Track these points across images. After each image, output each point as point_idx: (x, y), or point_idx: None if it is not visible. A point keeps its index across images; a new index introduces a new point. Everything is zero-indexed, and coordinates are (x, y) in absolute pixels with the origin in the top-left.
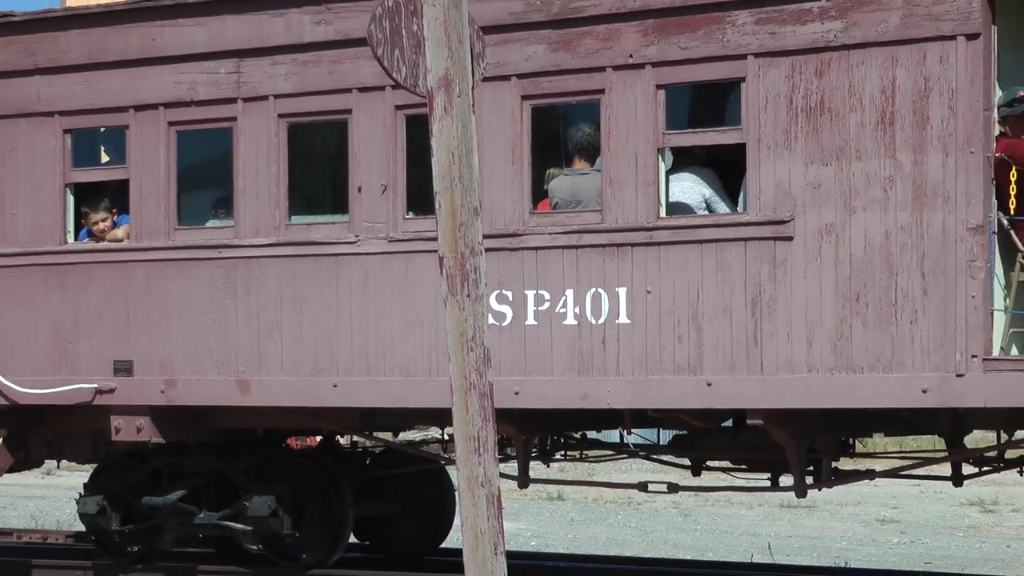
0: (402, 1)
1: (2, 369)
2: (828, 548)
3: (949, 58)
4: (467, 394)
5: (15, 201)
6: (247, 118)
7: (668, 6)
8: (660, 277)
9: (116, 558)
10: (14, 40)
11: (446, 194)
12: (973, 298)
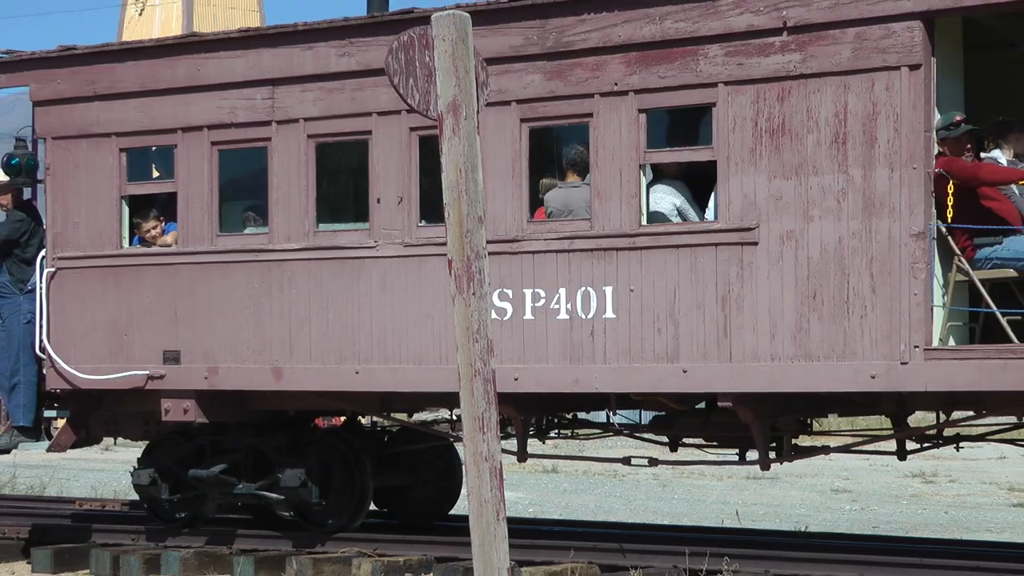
0: (416, 36)
1: (67, 358)
2: (789, 514)
3: (894, 86)
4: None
5: (77, 211)
6: (280, 138)
7: (648, 40)
8: (641, 278)
9: (165, 523)
10: (76, 70)
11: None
12: (915, 296)
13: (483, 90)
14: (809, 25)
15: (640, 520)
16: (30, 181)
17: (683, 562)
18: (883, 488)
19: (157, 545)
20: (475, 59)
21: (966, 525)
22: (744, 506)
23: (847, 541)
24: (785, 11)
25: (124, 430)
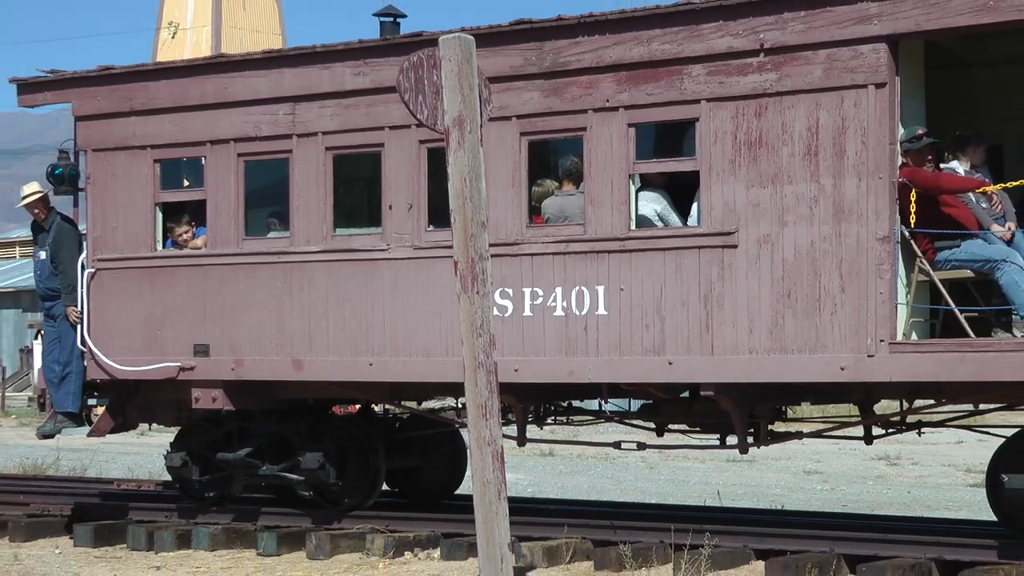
0: (424, 57)
1: (106, 351)
2: (765, 494)
3: (862, 103)
4: (476, 371)
5: (115, 217)
6: (300, 150)
7: (637, 61)
8: (631, 277)
9: (196, 502)
10: (115, 88)
11: (459, 211)
12: (881, 294)
13: (486, 106)
14: (784, 47)
15: (629, 499)
16: (72, 190)
17: (669, 538)
18: (851, 470)
19: (188, 522)
20: (478, 78)
21: (927, 504)
22: (724, 486)
23: (818, 518)
24: (762, 34)
25: (158, 417)
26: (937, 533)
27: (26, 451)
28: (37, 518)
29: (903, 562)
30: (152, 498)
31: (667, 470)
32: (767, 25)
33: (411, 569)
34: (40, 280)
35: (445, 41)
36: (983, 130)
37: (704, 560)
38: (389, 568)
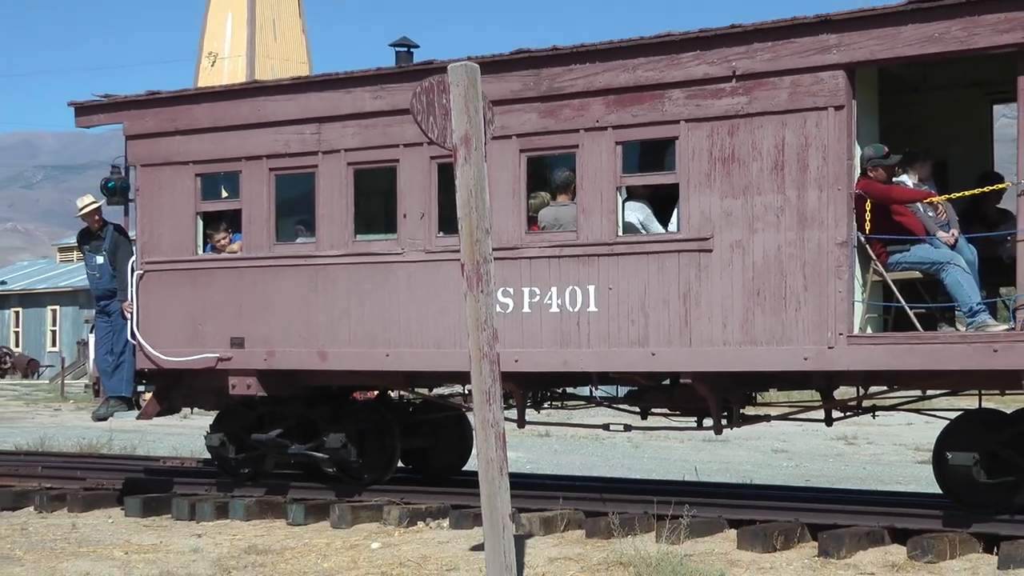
0: (435, 82)
1: (153, 343)
2: (737, 470)
3: (822, 123)
4: (481, 361)
5: (161, 224)
6: (325, 165)
7: (624, 86)
8: (618, 278)
9: (232, 477)
10: (161, 111)
11: (466, 219)
12: (840, 293)
13: (489, 126)
14: (753, 74)
15: (617, 475)
16: (123, 201)
17: (652, 509)
18: (813, 449)
19: (225, 495)
20: (483, 101)
21: (880, 478)
22: (701, 463)
23: (785, 491)
24: (734, 62)
25: (199, 402)
26: (889, 504)
27: (83, 432)
28: (92, 491)
29: (859, 530)
30: (194, 474)
31: (650, 449)
32: (738, 54)
33: (423, 537)
34: (98, 281)
35: (453, 68)
36: (929, 148)
37: (683, 529)
38: (404, 536)
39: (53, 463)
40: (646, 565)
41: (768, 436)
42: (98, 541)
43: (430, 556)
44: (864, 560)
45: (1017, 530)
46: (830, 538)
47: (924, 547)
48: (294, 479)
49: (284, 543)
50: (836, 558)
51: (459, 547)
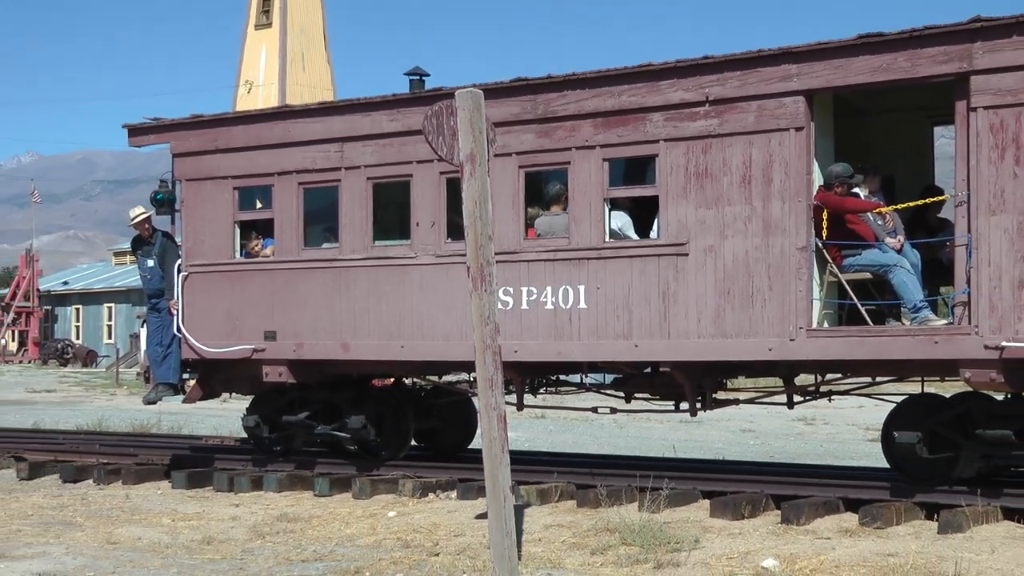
0: (444, 106)
1: (196, 336)
2: (710, 447)
3: (785, 142)
4: (485, 352)
5: (204, 231)
6: (347, 180)
7: (610, 110)
8: (605, 279)
9: (266, 454)
10: (203, 132)
11: (471, 227)
12: (800, 292)
13: (492, 145)
14: (724, 99)
15: (604, 452)
16: (170, 211)
17: (635, 482)
18: (777, 429)
19: (260, 469)
20: (486, 123)
21: (835, 454)
22: (678, 442)
23: (751, 466)
24: (707, 89)
25: (236, 388)
26: (843, 478)
27: (135, 414)
28: (143, 466)
29: (817, 500)
30: (232, 451)
31: (633, 429)
32: (711, 82)
33: (434, 507)
34: (149, 282)
35: (460, 94)
36: (878, 164)
37: (662, 499)
38: (417, 505)
39: (109, 441)
40: (630, 531)
41: (737, 418)
42: (148, 510)
43: (440, 524)
44: (821, 527)
45: (954, 500)
46: (791, 507)
47: (874, 515)
48: (320, 456)
49: (311, 512)
50: (797, 525)
51: (465, 515)
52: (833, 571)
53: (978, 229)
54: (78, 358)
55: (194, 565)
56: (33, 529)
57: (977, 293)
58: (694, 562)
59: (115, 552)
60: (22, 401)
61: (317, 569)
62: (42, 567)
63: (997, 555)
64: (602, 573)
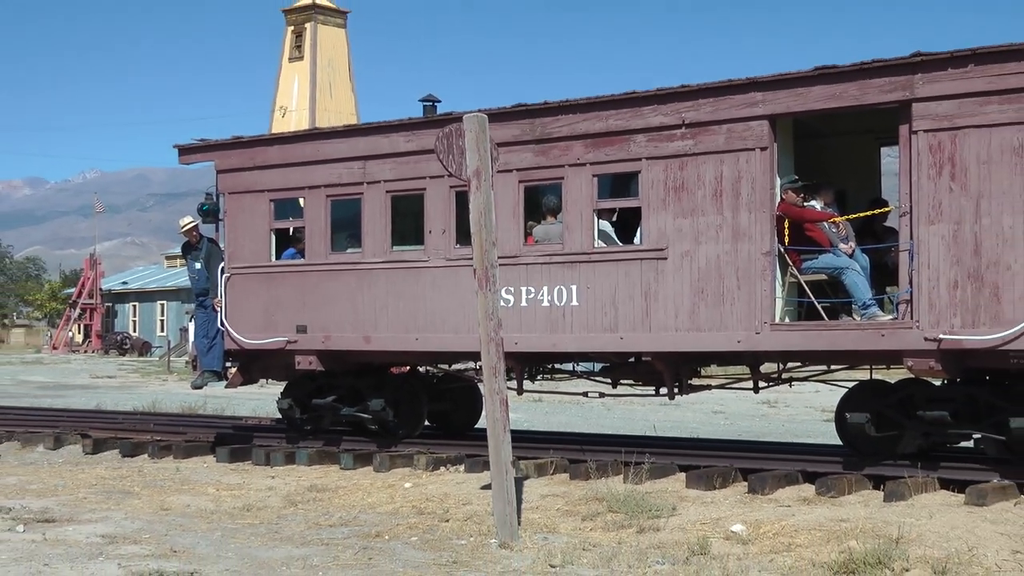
0: (453, 128)
1: (237, 330)
2: (686, 427)
3: (751, 160)
4: (489, 344)
5: (244, 238)
6: (369, 193)
7: (599, 132)
8: (595, 280)
9: (298, 433)
10: (243, 151)
11: (477, 234)
12: (764, 291)
13: (495, 162)
14: (698, 122)
15: (593, 431)
16: (214, 220)
17: (620, 457)
18: (744, 410)
19: (293, 446)
20: (490, 143)
21: (795, 433)
22: (658, 422)
23: (722, 443)
24: (683, 114)
25: (272, 374)
26: (802, 453)
27: (184, 397)
28: (191, 443)
29: (779, 472)
30: (268, 430)
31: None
32: (687, 108)
33: (444, 479)
34: (196, 282)
35: (467, 118)
36: (832, 179)
37: (644, 472)
38: (430, 478)
39: (161, 421)
40: (616, 500)
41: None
42: (196, 481)
43: (450, 493)
44: (783, 496)
45: (898, 472)
46: (757, 479)
47: (828, 485)
48: (345, 434)
49: (337, 483)
50: (762, 494)
51: (472, 486)
52: (793, 535)
53: (919, 237)
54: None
55: (236, 529)
56: (97, 497)
57: (918, 292)
58: (672, 527)
59: (167, 517)
60: (86, 386)
61: (343, 533)
62: (105, 530)
63: (935, 520)
64: (592, 537)
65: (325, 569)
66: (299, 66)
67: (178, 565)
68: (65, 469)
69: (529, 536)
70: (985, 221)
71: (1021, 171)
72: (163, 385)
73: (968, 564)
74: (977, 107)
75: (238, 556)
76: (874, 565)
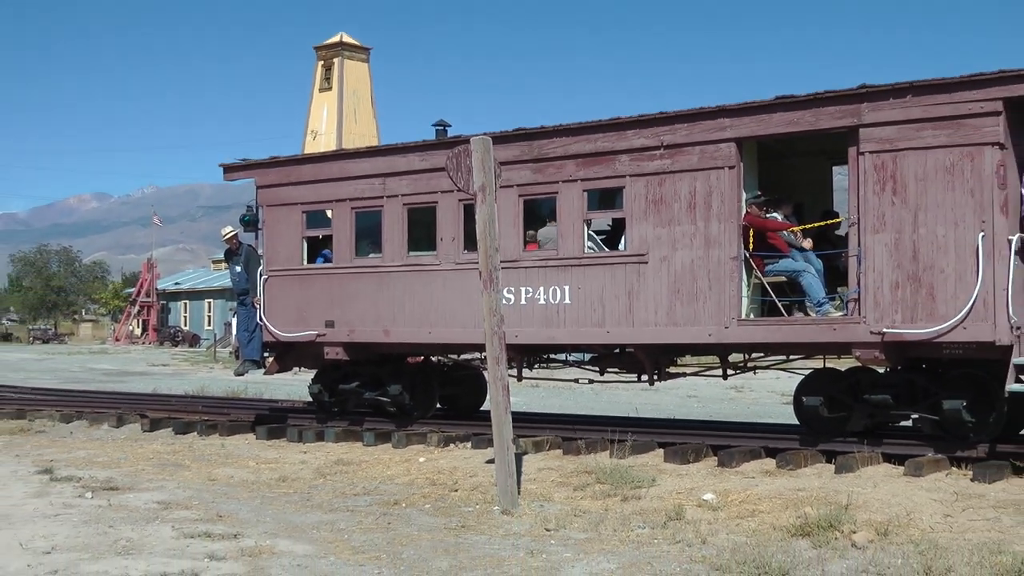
0: (462, 149)
1: (273, 324)
2: (664, 409)
3: (721, 177)
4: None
5: (280, 245)
6: (388, 205)
7: (588, 152)
8: (585, 281)
9: (326, 414)
10: (280, 169)
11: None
12: (732, 291)
13: (498, 179)
14: (675, 144)
15: (583, 413)
16: (254, 229)
17: (607, 435)
18: (715, 395)
19: (322, 425)
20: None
21: (759, 415)
22: (640, 405)
23: (695, 423)
24: (662, 137)
25: (304, 363)
26: (765, 431)
27: (228, 383)
28: (234, 422)
29: (745, 448)
30: (301, 411)
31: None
32: (665, 132)
33: (453, 454)
34: (238, 283)
35: (473, 140)
36: (791, 194)
37: (627, 448)
38: (441, 453)
39: (208, 403)
40: (603, 473)
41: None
42: (238, 455)
43: (458, 467)
44: (748, 469)
45: (848, 448)
46: (725, 454)
47: (787, 459)
48: (367, 415)
49: (361, 457)
50: (729, 468)
51: (478, 461)
52: (756, 502)
53: (865, 244)
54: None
55: (273, 497)
56: (153, 468)
57: (865, 292)
58: (651, 496)
59: (214, 487)
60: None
61: (365, 501)
62: (160, 497)
63: (878, 489)
64: (582, 505)
65: (350, 532)
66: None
67: (223, 528)
68: (126, 444)
69: (527, 504)
70: (922, 231)
71: (951, 187)
72: (210, 372)
73: (906, 526)
74: (914, 132)
75: (275, 520)
76: (826, 528)
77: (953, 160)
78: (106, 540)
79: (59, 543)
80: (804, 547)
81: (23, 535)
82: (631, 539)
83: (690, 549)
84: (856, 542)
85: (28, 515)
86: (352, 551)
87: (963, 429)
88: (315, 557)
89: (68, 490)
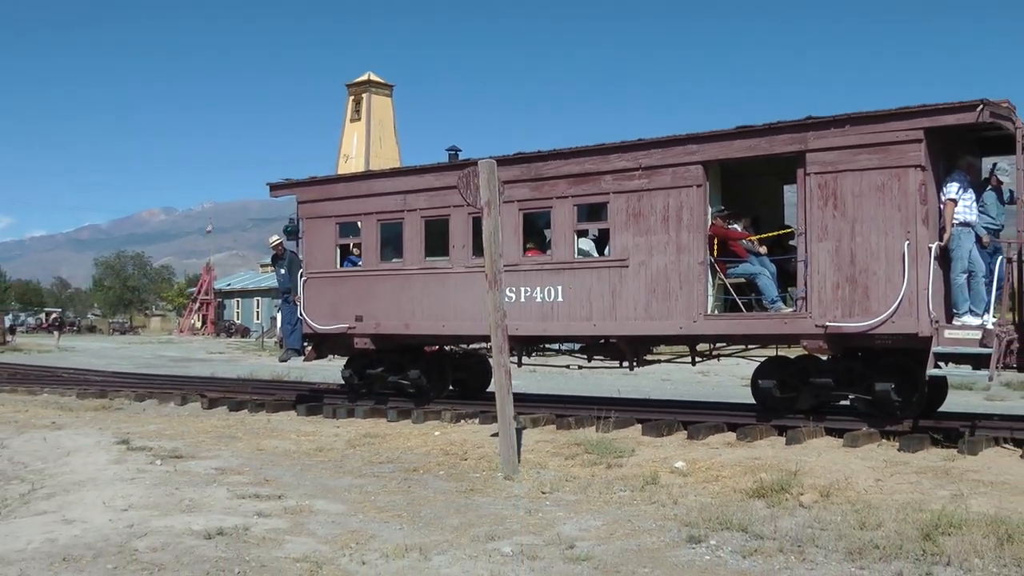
0: (470, 170)
1: (311, 318)
2: (641, 391)
3: (691, 195)
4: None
5: (317, 251)
6: (408, 218)
7: (578, 173)
8: (575, 282)
9: (356, 394)
10: (317, 187)
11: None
12: (700, 291)
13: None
14: (651, 166)
15: (574, 394)
16: (295, 238)
17: (593, 413)
18: (685, 378)
19: (352, 404)
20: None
21: (722, 395)
22: (622, 387)
23: (668, 403)
24: (640, 160)
25: (337, 351)
26: (728, 409)
27: (273, 368)
28: (279, 401)
29: (710, 423)
30: (335, 392)
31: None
32: (643, 155)
33: (464, 429)
34: (281, 283)
35: (481, 163)
36: (750, 208)
37: (610, 424)
38: (453, 428)
39: (257, 385)
40: (590, 444)
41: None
42: (282, 429)
43: (468, 439)
44: (713, 441)
45: (796, 423)
46: (694, 429)
47: (746, 433)
48: (391, 396)
49: (385, 432)
50: (697, 440)
51: (484, 435)
52: (720, 469)
53: (811, 251)
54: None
55: (311, 464)
56: (211, 440)
57: (811, 292)
58: (631, 464)
59: (262, 455)
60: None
61: (389, 468)
62: (217, 464)
63: (822, 458)
64: (572, 472)
65: (376, 494)
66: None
67: (269, 490)
68: (189, 420)
69: (526, 471)
70: (858, 239)
71: (882, 203)
72: (258, 359)
73: (844, 489)
74: (852, 156)
75: (313, 484)
76: (778, 491)
77: (883, 180)
78: (172, 500)
79: (134, 502)
80: (760, 506)
81: (106, 495)
82: (614, 500)
83: (664, 508)
84: (803, 502)
85: (109, 478)
86: (378, 510)
87: (891, 407)
88: (347, 515)
89: (141, 458)
